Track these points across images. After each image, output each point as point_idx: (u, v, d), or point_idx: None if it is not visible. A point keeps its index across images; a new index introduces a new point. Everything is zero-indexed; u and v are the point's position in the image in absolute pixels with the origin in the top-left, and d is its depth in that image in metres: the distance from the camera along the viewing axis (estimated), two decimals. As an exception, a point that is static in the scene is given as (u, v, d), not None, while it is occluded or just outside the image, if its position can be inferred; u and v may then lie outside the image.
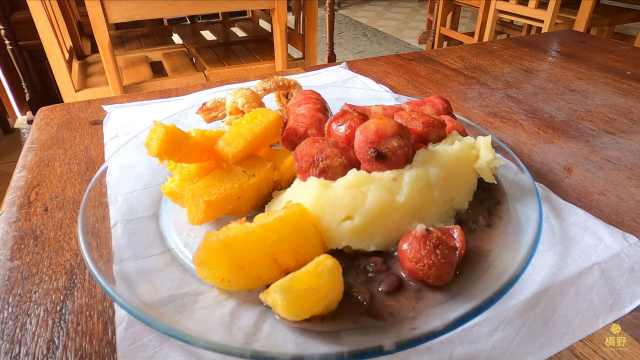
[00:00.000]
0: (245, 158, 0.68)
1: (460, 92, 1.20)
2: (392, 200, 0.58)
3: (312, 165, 0.60)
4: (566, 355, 0.49)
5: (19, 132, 3.45)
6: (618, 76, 1.29)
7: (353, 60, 1.40)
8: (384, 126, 0.59)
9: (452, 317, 0.47)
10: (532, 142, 0.95)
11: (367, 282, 0.55)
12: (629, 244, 0.64)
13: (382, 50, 5.36)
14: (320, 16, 5.10)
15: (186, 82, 2.33)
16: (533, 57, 1.47)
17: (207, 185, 0.62)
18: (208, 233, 0.51)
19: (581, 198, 0.76)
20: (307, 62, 2.71)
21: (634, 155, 0.89)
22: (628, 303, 0.55)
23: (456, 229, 0.56)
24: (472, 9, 5.53)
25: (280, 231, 0.52)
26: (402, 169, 0.60)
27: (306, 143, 0.62)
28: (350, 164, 0.61)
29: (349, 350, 0.43)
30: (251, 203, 0.66)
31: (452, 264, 0.52)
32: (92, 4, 1.81)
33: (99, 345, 0.50)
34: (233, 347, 0.44)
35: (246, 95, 0.80)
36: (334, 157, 0.60)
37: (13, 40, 2.98)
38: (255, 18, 3.61)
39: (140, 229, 0.64)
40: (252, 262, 0.51)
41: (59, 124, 1.02)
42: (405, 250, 0.53)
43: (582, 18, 3.07)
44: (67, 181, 0.79)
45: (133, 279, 0.54)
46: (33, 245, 0.64)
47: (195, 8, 2.04)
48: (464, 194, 0.66)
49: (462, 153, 0.65)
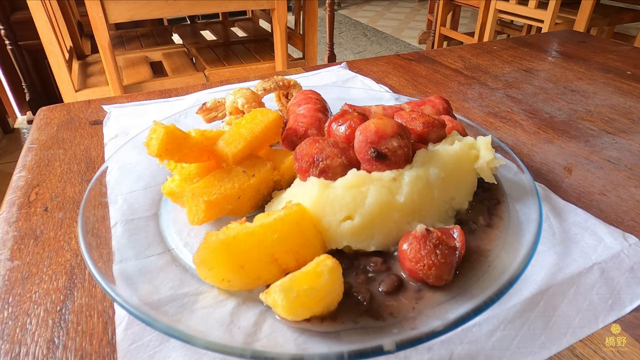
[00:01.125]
0: (245, 158, 0.68)
1: (460, 92, 1.20)
2: (392, 200, 0.58)
3: (312, 165, 0.60)
4: (566, 355, 0.49)
5: (19, 132, 3.45)
6: (618, 76, 1.29)
7: (353, 60, 1.40)
8: (384, 126, 0.59)
9: (452, 317, 0.47)
10: (532, 142, 0.95)
11: (367, 282, 0.54)
12: (629, 244, 0.64)
13: (382, 50, 5.36)
14: (320, 16, 5.10)
15: (186, 82, 2.33)
16: (533, 57, 1.47)
17: (207, 185, 0.62)
18: (208, 233, 0.51)
19: (581, 198, 0.76)
20: (307, 62, 2.71)
21: (634, 155, 0.89)
22: (628, 303, 0.55)
23: (456, 229, 0.56)
24: (472, 9, 5.53)
25: (280, 231, 0.52)
26: (402, 169, 0.60)
27: (306, 143, 0.62)
28: (350, 164, 0.61)
29: (349, 350, 0.43)
30: (251, 203, 0.66)
31: (452, 264, 0.52)
32: (92, 4, 1.81)
33: (99, 345, 0.50)
34: (233, 347, 0.44)
35: (246, 95, 0.80)
36: (334, 157, 0.60)
37: (13, 40, 2.98)
38: (255, 18, 3.61)
39: (140, 229, 0.64)
40: (252, 262, 0.51)
41: (59, 124, 1.02)
42: (405, 250, 0.53)
43: (582, 18, 3.07)
44: (67, 181, 0.79)
45: (133, 279, 0.54)
46: (33, 245, 0.64)
47: (195, 8, 2.04)
48: (464, 194, 0.66)
49: (462, 153, 0.65)
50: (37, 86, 3.33)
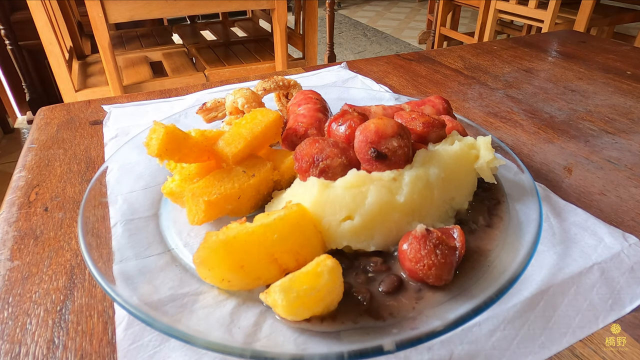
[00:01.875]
0: (245, 158, 0.68)
1: (460, 92, 1.20)
2: (392, 200, 0.58)
3: (312, 165, 0.60)
4: (566, 355, 0.49)
5: (19, 132, 3.45)
6: (618, 76, 1.29)
7: (353, 60, 1.40)
8: (384, 126, 0.59)
9: (452, 317, 0.47)
10: (532, 142, 0.95)
11: (367, 282, 0.54)
12: (629, 244, 0.64)
13: (382, 50, 5.36)
14: (320, 16, 5.10)
15: (186, 82, 2.33)
16: (533, 57, 1.47)
17: (207, 185, 0.62)
18: (208, 233, 0.51)
19: (581, 198, 0.76)
20: (307, 62, 2.71)
21: (634, 155, 0.89)
22: (628, 303, 0.55)
23: (456, 229, 0.56)
24: (472, 9, 5.53)
25: (280, 231, 0.52)
26: (402, 169, 0.60)
27: (306, 143, 0.62)
28: (350, 164, 0.61)
29: (349, 350, 0.43)
30: (251, 203, 0.66)
31: (452, 264, 0.52)
32: (92, 4, 1.81)
33: (99, 345, 0.50)
34: (233, 347, 0.44)
35: (246, 95, 0.80)
36: (334, 157, 0.60)
37: (13, 40, 2.98)
38: (255, 18, 3.61)
39: (140, 229, 0.64)
40: (252, 262, 0.51)
41: (59, 124, 1.02)
42: (405, 250, 0.53)
43: (582, 18, 3.07)
44: (67, 181, 0.79)
45: (133, 279, 0.54)
46: (33, 245, 0.64)
47: (195, 8, 2.04)
48: (464, 194, 0.66)
49: (462, 153, 0.65)
50: (37, 86, 3.33)
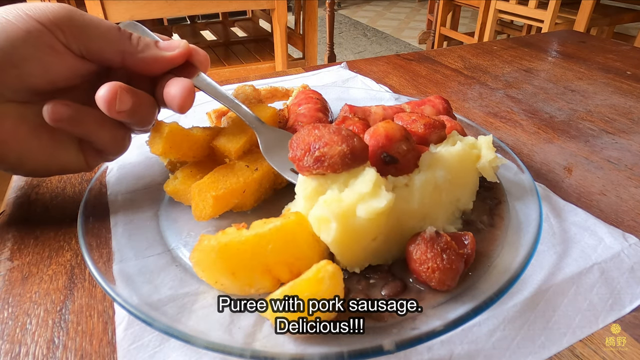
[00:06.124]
0: (247, 152, 0.69)
1: (460, 92, 1.20)
2: (406, 207, 0.56)
3: (307, 153, 0.53)
4: (566, 355, 0.49)
5: (19, 132, 3.44)
6: (618, 76, 1.29)
7: (353, 60, 1.40)
8: (393, 130, 0.57)
9: (452, 317, 0.47)
10: (532, 142, 0.95)
11: (368, 288, 0.54)
12: (629, 244, 0.64)
13: (382, 50, 5.36)
14: (320, 16, 5.10)
15: (186, 82, 2.32)
16: (533, 57, 1.47)
17: (213, 181, 0.63)
18: (202, 235, 0.50)
19: (581, 198, 0.76)
20: (307, 62, 2.71)
21: (634, 155, 0.89)
22: (628, 303, 0.55)
23: (468, 236, 0.55)
24: (472, 9, 5.53)
25: (275, 242, 0.51)
26: (412, 174, 0.58)
27: (305, 129, 0.55)
28: (353, 154, 0.52)
29: (349, 350, 0.43)
30: (255, 197, 0.67)
31: (458, 270, 0.51)
32: (92, 4, 1.81)
33: (99, 345, 0.50)
34: (233, 347, 0.44)
35: (247, 92, 0.81)
36: (332, 144, 0.52)
37: (13, 40, 2.97)
38: (255, 18, 3.61)
39: (140, 229, 0.64)
40: (243, 270, 0.50)
41: (59, 123, 1.01)
42: (412, 250, 0.53)
43: (582, 18, 3.07)
44: (67, 181, 0.79)
45: (133, 279, 0.54)
46: (33, 245, 0.64)
47: (195, 8, 2.05)
48: (468, 194, 0.66)
49: (464, 153, 0.65)
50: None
